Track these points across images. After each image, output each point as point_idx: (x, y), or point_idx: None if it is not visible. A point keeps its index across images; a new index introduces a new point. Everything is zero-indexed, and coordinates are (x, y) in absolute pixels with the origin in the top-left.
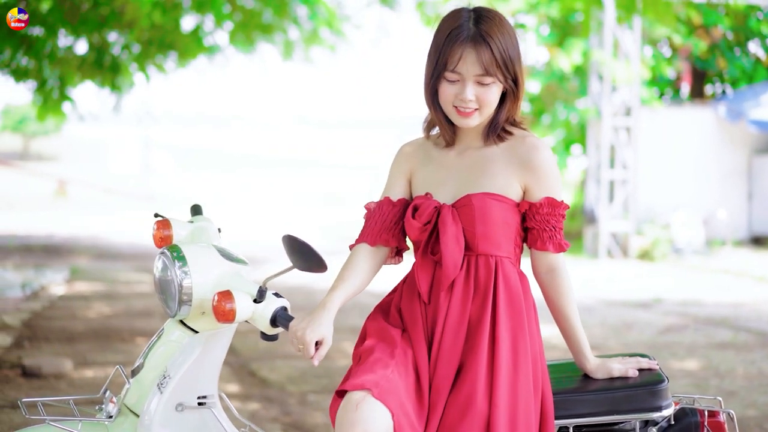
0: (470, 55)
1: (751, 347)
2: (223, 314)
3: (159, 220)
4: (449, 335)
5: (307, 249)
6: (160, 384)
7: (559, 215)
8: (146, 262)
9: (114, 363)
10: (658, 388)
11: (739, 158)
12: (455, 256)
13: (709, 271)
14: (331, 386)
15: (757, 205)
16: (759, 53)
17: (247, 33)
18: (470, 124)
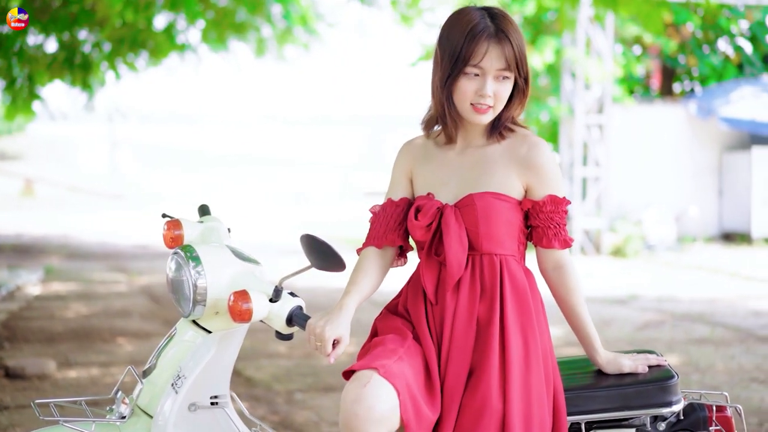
0: (495, 49)
1: (729, 342)
2: (239, 314)
3: (169, 221)
4: (459, 336)
5: (326, 248)
6: (175, 384)
7: (562, 212)
8: (120, 261)
9: (97, 363)
10: (669, 384)
11: (709, 155)
12: (459, 257)
13: (682, 268)
14: (318, 385)
15: (728, 202)
16: (728, 51)
17: (220, 31)
18: (484, 120)
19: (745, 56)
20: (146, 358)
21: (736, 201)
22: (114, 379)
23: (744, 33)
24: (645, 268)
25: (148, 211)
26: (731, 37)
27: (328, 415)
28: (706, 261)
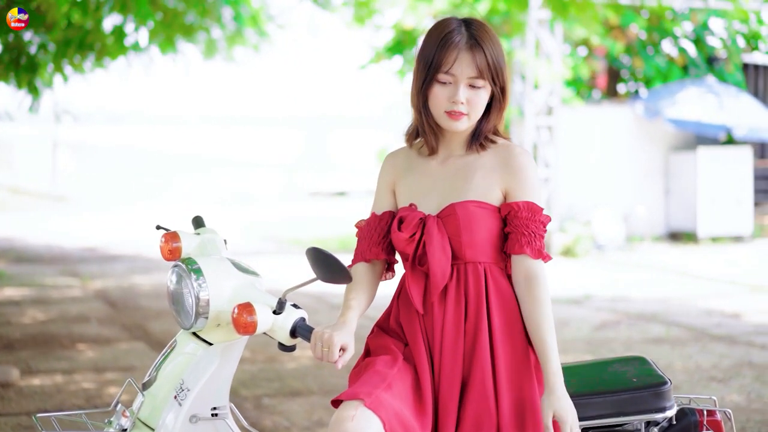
0: (465, 56)
1: (684, 342)
2: (244, 326)
3: (167, 233)
4: (449, 345)
5: (333, 261)
6: (178, 396)
7: (539, 222)
8: (70, 265)
9: (59, 370)
10: (662, 390)
11: (656, 156)
12: (443, 266)
13: (632, 267)
14: (284, 389)
15: (674, 202)
16: (673, 53)
17: (169, 33)
18: (459, 127)
19: (690, 58)
20: (109, 364)
21: (682, 201)
22: (79, 387)
23: (688, 35)
24: (595, 267)
25: (92, 213)
26: (675, 39)
27: (297, 419)
28: (655, 260)
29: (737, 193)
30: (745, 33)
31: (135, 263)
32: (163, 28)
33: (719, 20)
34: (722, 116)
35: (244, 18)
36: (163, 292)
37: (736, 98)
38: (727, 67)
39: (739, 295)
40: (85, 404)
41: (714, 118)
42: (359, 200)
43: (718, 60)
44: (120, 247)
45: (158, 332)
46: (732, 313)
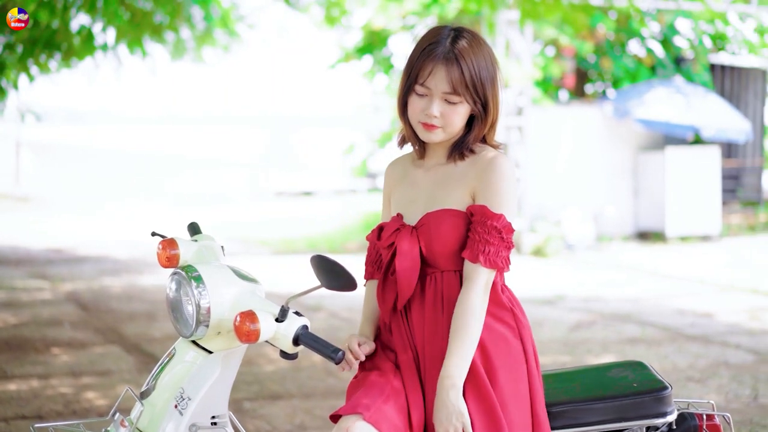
0: (440, 71)
1: (659, 342)
2: (246, 335)
3: (165, 240)
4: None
5: (338, 269)
6: (179, 405)
7: (491, 227)
8: (38, 267)
9: (35, 375)
10: (663, 395)
11: (625, 156)
12: (408, 277)
13: (603, 267)
14: (264, 393)
15: (643, 202)
16: (641, 53)
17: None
18: (433, 139)
19: (658, 59)
20: (85, 369)
21: (650, 200)
22: (56, 392)
23: (655, 36)
24: (566, 267)
25: (56, 213)
26: (642, 39)
27: (279, 423)
28: (625, 260)
29: (705, 192)
30: (712, 33)
31: (103, 265)
32: (131, 28)
33: (686, 21)
34: (690, 116)
35: (214, 18)
36: (135, 295)
37: (704, 98)
38: (695, 67)
39: (710, 295)
40: (63, 410)
41: (682, 118)
42: (326, 200)
43: (685, 60)
44: (87, 248)
45: (132, 335)
46: (704, 312)
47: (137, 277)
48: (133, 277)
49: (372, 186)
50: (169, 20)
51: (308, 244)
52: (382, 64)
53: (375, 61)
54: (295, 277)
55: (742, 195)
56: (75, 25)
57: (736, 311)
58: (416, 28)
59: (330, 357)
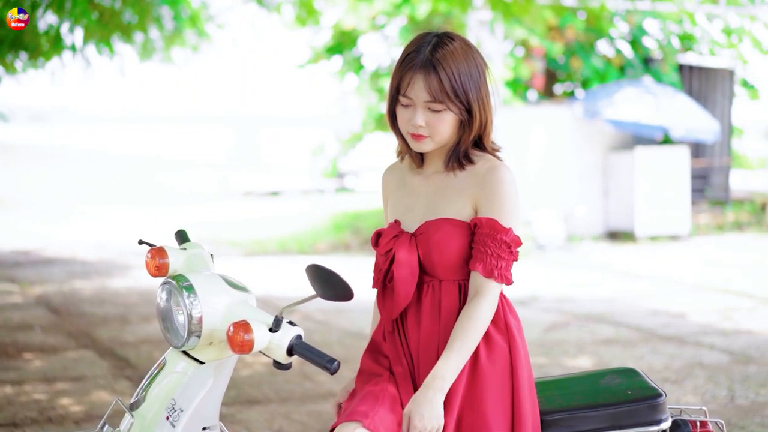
0: (419, 81)
1: (634, 342)
2: (240, 345)
3: (153, 249)
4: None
5: (335, 278)
6: (170, 417)
7: (501, 241)
8: (6, 270)
9: (8, 381)
10: (657, 402)
11: (595, 156)
12: (406, 285)
13: (574, 267)
14: (241, 398)
15: (613, 202)
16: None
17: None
18: (423, 148)
19: (627, 59)
20: (58, 374)
21: (620, 200)
22: (30, 398)
23: (624, 36)
24: (538, 268)
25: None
26: (611, 40)
27: (258, 428)
28: (596, 260)
29: (675, 192)
30: (679, 34)
31: (72, 267)
32: (99, 27)
33: (654, 21)
34: (660, 117)
35: (183, 18)
36: (107, 298)
37: (673, 99)
38: (663, 67)
39: (682, 295)
40: (38, 417)
41: (652, 118)
42: (293, 200)
43: (653, 61)
44: (55, 250)
45: (106, 340)
46: (677, 313)
47: (108, 280)
48: (104, 279)
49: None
50: (137, 20)
51: (278, 245)
52: (352, 65)
53: (345, 62)
54: (268, 280)
55: (710, 194)
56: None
57: (709, 311)
58: (386, 28)
59: (325, 367)
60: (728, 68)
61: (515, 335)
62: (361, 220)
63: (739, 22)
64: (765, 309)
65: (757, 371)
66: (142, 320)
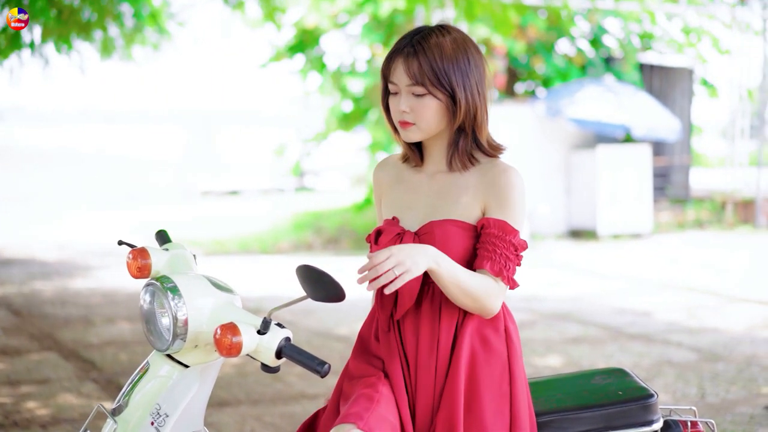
0: (401, 65)
1: (603, 341)
2: (227, 348)
3: (135, 249)
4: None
5: (327, 279)
6: (155, 422)
7: (509, 243)
8: None
9: None
10: (649, 403)
11: (557, 154)
12: (411, 287)
13: (538, 266)
14: (210, 399)
15: (575, 200)
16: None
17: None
18: (410, 137)
19: (588, 58)
20: (22, 377)
21: (582, 199)
22: None
23: (585, 35)
24: None
25: None
26: (572, 39)
27: (228, 430)
28: (559, 258)
29: (636, 190)
30: (639, 33)
31: (31, 268)
32: (58, 25)
33: (615, 20)
34: (621, 115)
35: (144, 16)
36: (69, 299)
37: (634, 97)
38: (624, 66)
39: (647, 293)
40: (4, 421)
41: (614, 117)
42: (253, 200)
43: (614, 60)
44: (12, 251)
45: (69, 341)
46: (643, 311)
47: (69, 281)
48: (65, 280)
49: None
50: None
51: (239, 244)
52: (315, 63)
53: (307, 60)
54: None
55: (671, 192)
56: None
57: (674, 309)
58: (349, 26)
59: (315, 370)
60: (687, 67)
61: (514, 340)
62: (322, 219)
63: (698, 21)
64: (729, 307)
65: (725, 369)
66: (106, 322)
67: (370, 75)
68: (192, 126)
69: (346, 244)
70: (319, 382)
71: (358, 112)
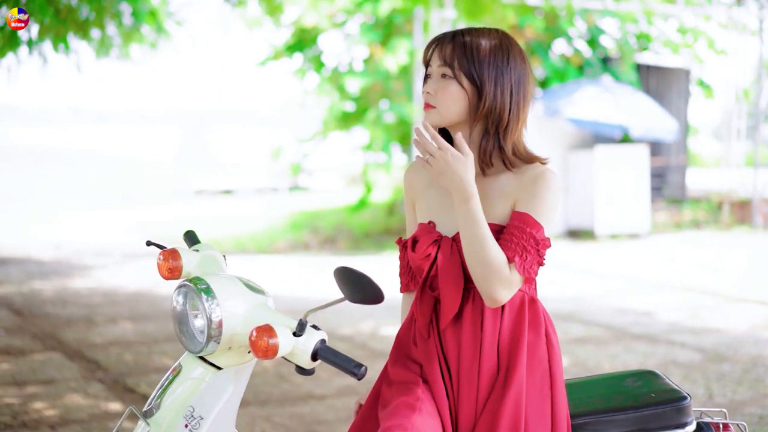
0: (437, 50)
1: (607, 341)
2: (264, 350)
3: (166, 251)
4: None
5: (366, 281)
6: (189, 425)
7: (529, 235)
8: None
9: None
10: (682, 405)
11: (555, 154)
12: (453, 296)
13: None
14: None
15: (573, 200)
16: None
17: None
18: (431, 120)
19: (586, 58)
20: (28, 377)
21: (580, 199)
22: (2, 402)
23: (583, 35)
24: None
25: None
26: (569, 39)
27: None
28: (557, 258)
29: (634, 190)
30: (636, 33)
31: (28, 267)
32: (56, 23)
33: (612, 20)
34: (619, 116)
35: (142, 14)
36: (69, 299)
37: (632, 98)
38: (621, 67)
39: (646, 293)
40: (12, 422)
41: (612, 117)
42: (247, 199)
43: (612, 60)
44: (7, 250)
45: (73, 341)
46: (644, 311)
47: (68, 281)
48: (64, 280)
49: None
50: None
51: (235, 244)
52: (313, 62)
53: (305, 59)
54: None
55: (667, 193)
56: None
57: (675, 309)
58: (347, 25)
59: (352, 372)
60: (684, 68)
61: (554, 344)
62: (318, 219)
63: (694, 21)
64: (729, 307)
65: (731, 369)
66: (108, 322)
67: (368, 74)
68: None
69: (343, 244)
70: (326, 383)
71: (356, 111)
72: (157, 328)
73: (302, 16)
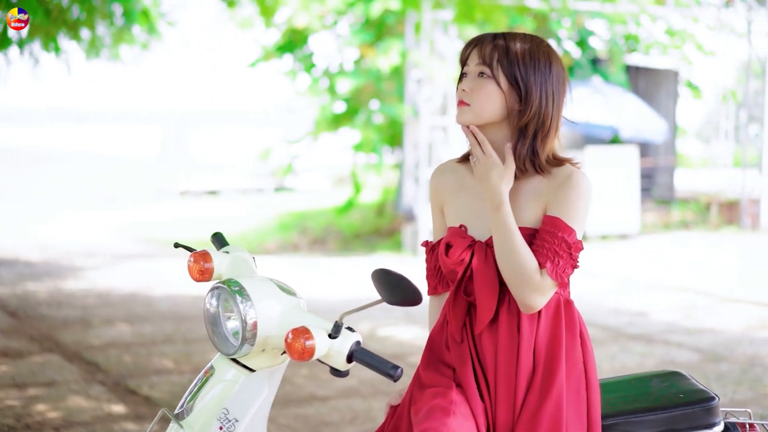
0: (476, 49)
1: (604, 342)
2: (300, 353)
3: (197, 253)
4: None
5: (405, 284)
6: (224, 427)
7: (561, 239)
8: None
9: None
10: (711, 405)
11: None
12: (488, 301)
13: None
14: None
15: None
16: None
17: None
18: (462, 118)
19: (575, 60)
20: (28, 380)
21: None
22: (4, 405)
23: (572, 37)
24: None
25: None
26: (558, 40)
27: None
28: None
29: (624, 191)
30: (625, 35)
31: (18, 268)
32: (46, 23)
33: (600, 22)
34: (609, 117)
35: (134, 14)
36: (64, 300)
37: (622, 99)
38: (611, 68)
39: (639, 293)
40: (15, 424)
41: (602, 118)
42: (232, 199)
43: (601, 61)
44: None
45: (70, 343)
46: (639, 311)
47: (60, 282)
48: (56, 281)
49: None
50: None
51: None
52: (303, 63)
53: (296, 60)
54: None
55: (656, 193)
56: None
57: (669, 309)
58: (338, 26)
59: (388, 374)
60: (672, 69)
61: (588, 346)
62: (307, 219)
63: (683, 23)
64: (722, 307)
65: (729, 369)
66: (105, 323)
67: (359, 75)
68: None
69: (333, 244)
70: (328, 384)
71: (347, 112)
72: (154, 329)
73: (293, 16)
